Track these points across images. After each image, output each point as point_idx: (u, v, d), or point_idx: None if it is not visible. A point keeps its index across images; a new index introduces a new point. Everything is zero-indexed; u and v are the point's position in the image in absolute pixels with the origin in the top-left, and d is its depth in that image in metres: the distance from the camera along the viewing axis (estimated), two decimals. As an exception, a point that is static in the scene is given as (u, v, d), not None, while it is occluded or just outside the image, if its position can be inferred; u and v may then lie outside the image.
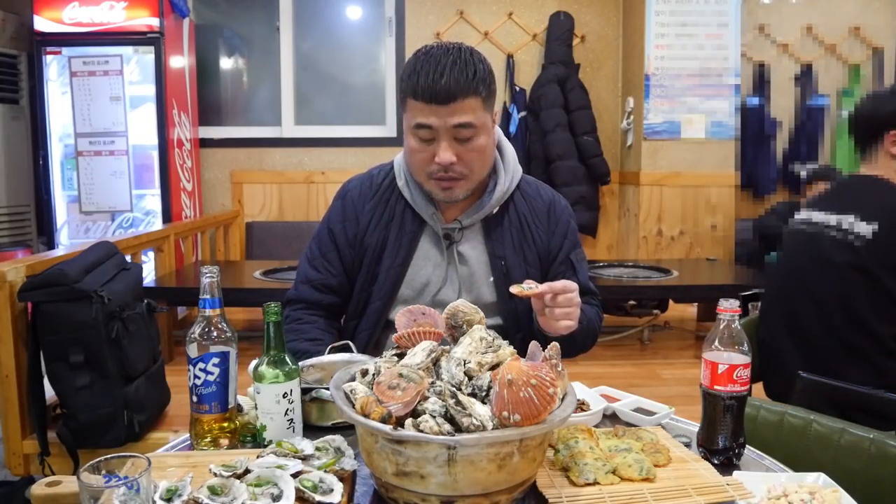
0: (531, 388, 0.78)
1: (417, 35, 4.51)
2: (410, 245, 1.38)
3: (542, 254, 1.42)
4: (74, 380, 1.87)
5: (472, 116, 1.23)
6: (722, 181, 4.25)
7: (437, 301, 1.35)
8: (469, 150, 1.26)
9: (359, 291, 1.43)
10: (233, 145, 4.57)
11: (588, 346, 1.42)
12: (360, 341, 1.40)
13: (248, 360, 1.04)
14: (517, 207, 1.41)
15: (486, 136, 1.28)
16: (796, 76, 4.63)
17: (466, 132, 1.24)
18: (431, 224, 1.37)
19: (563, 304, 1.17)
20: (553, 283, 1.16)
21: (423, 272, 1.38)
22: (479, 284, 1.39)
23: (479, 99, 1.24)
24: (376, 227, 1.39)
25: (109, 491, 0.71)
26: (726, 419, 0.97)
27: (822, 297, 1.60)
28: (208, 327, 0.99)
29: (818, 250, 1.62)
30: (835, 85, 4.65)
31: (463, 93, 1.20)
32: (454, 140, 1.24)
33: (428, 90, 1.19)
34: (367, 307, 1.41)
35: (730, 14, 4.15)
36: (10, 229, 4.07)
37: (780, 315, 1.70)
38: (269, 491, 0.80)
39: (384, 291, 1.38)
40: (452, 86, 1.19)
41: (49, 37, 3.75)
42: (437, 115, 1.21)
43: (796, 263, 1.70)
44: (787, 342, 1.67)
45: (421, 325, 0.96)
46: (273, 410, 0.98)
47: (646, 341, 3.56)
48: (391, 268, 1.37)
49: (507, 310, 1.38)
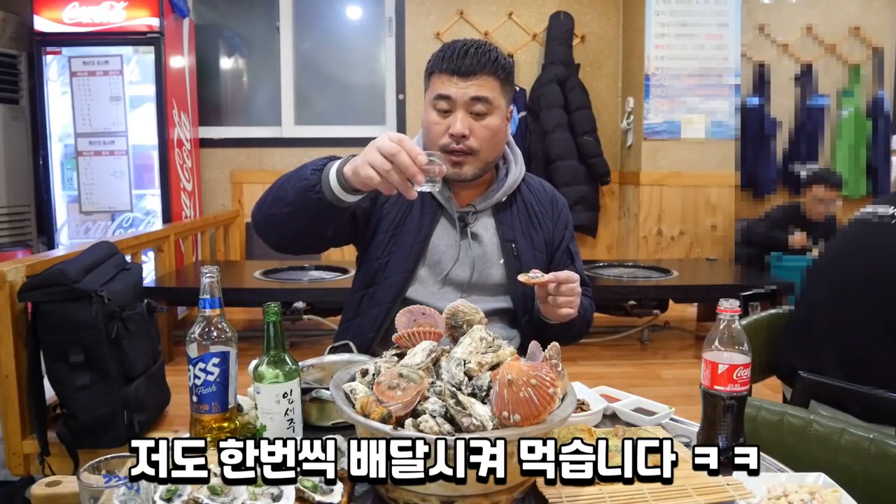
0: (531, 388, 0.78)
1: (417, 35, 4.51)
2: (431, 224, 1.42)
3: (547, 240, 1.48)
4: (74, 380, 1.87)
5: (488, 93, 1.31)
6: (722, 181, 4.25)
7: (449, 279, 1.40)
8: (482, 127, 1.32)
9: (372, 259, 1.41)
10: (233, 145, 4.57)
11: (582, 333, 1.49)
12: (373, 316, 1.39)
13: (248, 360, 1.04)
14: (524, 197, 1.48)
15: (499, 119, 1.35)
16: (796, 76, 4.64)
17: (482, 107, 1.31)
18: (447, 207, 1.41)
19: (566, 293, 1.24)
20: (557, 273, 1.23)
21: (438, 250, 1.42)
22: (490, 265, 1.43)
23: (498, 81, 1.32)
24: (398, 199, 1.41)
25: (109, 491, 0.71)
26: (726, 419, 0.97)
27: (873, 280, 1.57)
28: (208, 327, 0.99)
29: (872, 237, 1.60)
30: (835, 85, 4.66)
31: (483, 70, 1.30)
32: (469, 114, 1.31)
33: (451, 64, 1.30)
34: (385, 280, 1.40)
35: (730, 14, 4.15)
36: (10, 229, 4.07)
37: (825, 293, 1.68)
38: (269, 491, 0.80)
39: (406, 265, 1.39)
40: (474, 62, 1.29)
41: (49, 37, 3.75)
42: (456, 87, 1.30)
43: (848, 248, 1.68)
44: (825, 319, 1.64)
45: (421, 325, 0.96)
46: (273, 410, 0.98)
47: (646, 341, 3.56)
48: (415, 243, 1.40)
49: (516, 292, 1.42)
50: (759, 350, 1.75)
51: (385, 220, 1.41)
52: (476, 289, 1.41)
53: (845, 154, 4.62)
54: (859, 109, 4.62)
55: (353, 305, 1.45)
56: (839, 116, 4.64)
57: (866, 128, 4.61)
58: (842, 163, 4.61)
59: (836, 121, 4.66)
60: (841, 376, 1.49)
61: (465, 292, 1.41)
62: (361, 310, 1.42)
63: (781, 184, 4.67)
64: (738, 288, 3.03)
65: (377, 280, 1.40)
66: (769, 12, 4.61)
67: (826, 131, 4.66)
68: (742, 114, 4.34)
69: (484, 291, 1.42)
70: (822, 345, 1.61)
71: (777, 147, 4.63)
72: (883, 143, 4.57)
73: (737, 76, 4.20)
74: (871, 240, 1.60)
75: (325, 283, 3.26)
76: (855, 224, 1.72)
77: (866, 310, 1.56)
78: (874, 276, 1.57)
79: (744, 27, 4.26)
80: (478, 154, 1.34)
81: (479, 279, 1.41)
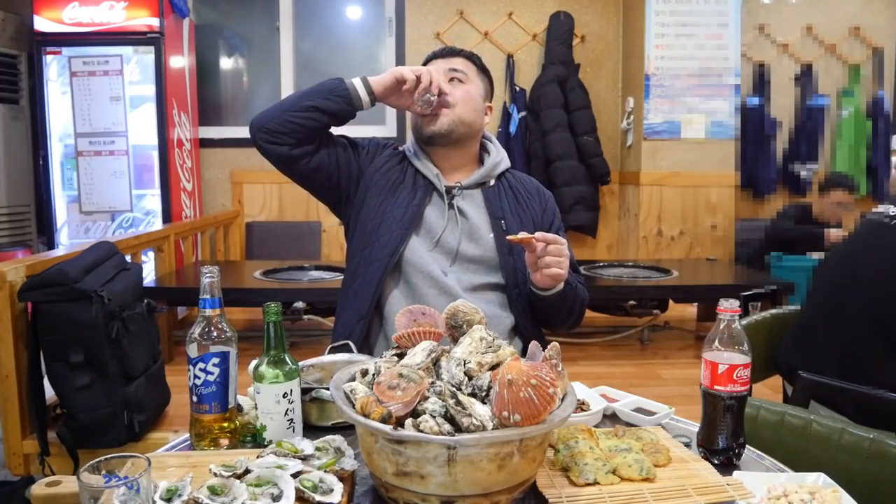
0: (531, 388, 0.78)
1: (417, 35, 4.51)
2: (423, 196, 1.51)
3: (536, 221, 1.55)
4: (74, 380, 1.87)
5: (463, 67, 1.54)
6: (722, 181, 4.25)
7: (441, 244, 1.47)
8: (456, 88, 1.51)
9: (364, 221, 1.49)
10: (233, 145, 4.57)
11: (577, 313, 1.53)
12: (371, 274, 1.44)
13: (248, 360, 1.04)
14: (510, 183, 1.59)
15: (474, 91, 1.54)
16: (796, 76, 4.64)
17: (458, 75, 1.52)
18: (436, 183, 1.51)
19: (554, 253, 1.31)
20: (545, 233, 1.32)
21: (430, 220, 1.50)
22: (479, 240, 1.49)
23: (474, 67, 1.56)
24: (387, 172, 1.53)
25: (109, 491, 0.71)
26: (726, 419, 0.97)
27: (871, 281, 1.57)
28: (208, 327, 0.99)
29: (876, 237, 1.60)
30: (835, 85, 4.66)
31: (460, 54, 1.57)
32: (448, 80, 1.51)
33: (438, 52, 1.58)
34: (380, 238, 1.46)
35: (730, 14, 4.15)
36: (10, 229, 4.07)
37: (826, 292, 1.67)
38: (269, 491, 0.80)
39: (403, 224, 1.46)
40: (453, 51, 1.58)
41: (49, 37, 3.75)
42: (436, 64, 1.54)
43: (854, 248, 1.68)
44: (827, 319, 1.63)
45: (421, 325, 0.96)
46: (273, 410, 0.98)
47: (646, 341, 3.56)
48: (410, 206, 1.48)
49: (506, 266, 1.48)
50: (759, 350, 1.75)
51: (375, 186, 1.51)
52: (465, 258, 1.47)
53: (845, 154, 4.62)
54: (859, 109, 4.62)
55: (350, 272, 1.51)
56: (839, 116, 4.64)
57: (866, 128, 4.61)
58: (842, 163, 4.61)
59: (836, 121, 4.66)
60: (837, 377, 1.49)
61: (454, 261, 1.47)
62: (359, 272, 1.47)
63: (781, 184, 4.67)
64: (738, 288, 3.03)
65: (372, 239, 1.46)
66: (769, 12, 4.61)
67: (826, 131, 4.66)
68: (742, 114, 4.34)
69: (474, 263, 1.48)
70: (819, 345, 1.61)
71: (777, 147, 4.63)
72: (883, 143, 4.57)
73: (737, 76, 4.20)
74: (875, 240, 1.60)
75: (325, 283, 3.26)
76: (863, 224, 1.72)
77: (861, 311, 1.56)
78: (872, 276, 1.57)
79: (744, 27, 4.26)
80: (454, 108, 1.48)
81: (468, 250, 1.48)
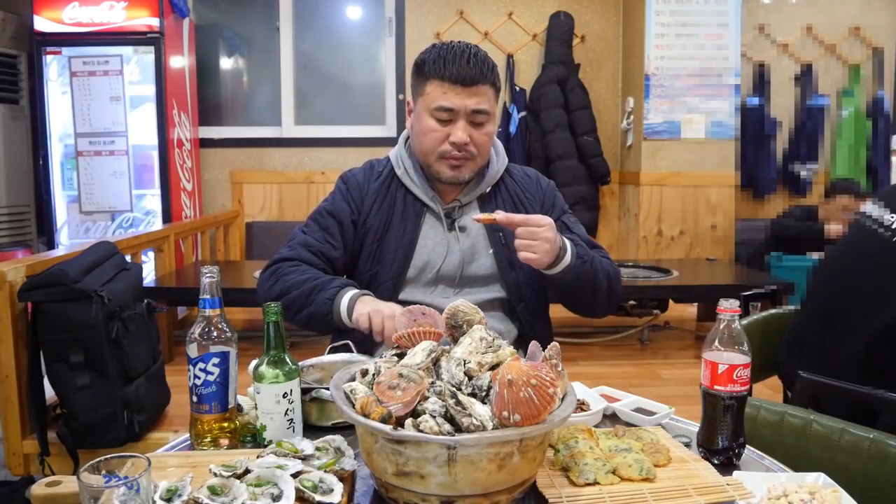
0: (531, 388, 0.78)
1: (417, 35, 4.51)
2: (415, 226, 1.45)
3: None
4: (74, 380, 1.87)
5: (487, 104, 1.37)
6: (722, 181, 4.25)
7: (441, 276, 1.42)
8: (481, 134, 1.39)
9: (361, 272, 1.46)
10: (233, 145, 4.57)
11: (605, 287, 1.42)
12: None
13: (248, 360, 1.04)
14: (507, 186, 1.52)
15: (494, 125, 1.45)
16: (796, 76, 4.63)
17: (481, 117, 1.38)
18: (432, 206, 1.46)
19: (524, 235, 1.27)
20: (514, 215, 1.29)
21: (425, 250, 1.44)
22: (479, 256, 1.45)
23: (494, 89, 1.39)
24: (379, 209, 1.46)
25: (109, 491, 0.71)
26: (726, 419, 0.97)
27: (859, 286, 1.57)
28: (208, 327, 0.99)
29: (861, 241, 1.60)
30: (835, 85, 4.66)
31: (483, 79, 1.35)
32: (469, 123, 1.37)
33: (455, 73, 1.33)
34: (377, 289, 1.41)
35: (730, 14, 4.15)
36: (10, 229, 4.07)
37: (819, 294, 1.68)
38: (269, 491, 0.80)
39: (394, 271, 1.42)
40: (476, 72, 1.34)
41: (49, 37, 3.75)
42: (459, 98, 1.34)
43: (840, 254, 1.68)
44: (817, 322, 1.64)
45: (421, 325, 0.96)
46: (273, 410, 0.98)
47: (646, 341, 3.56)
48: (399, 248, 1.43)
49: (508, 280, 1.44)
50: (758, 350, 1.75)
51: (370, 233, 1.45)
52: (468, 281, 1.44)
53: (845, 154, 4.62)
54: (859, 109, 4.61)
55: None
56: (839, 116, 4.64)
57: (866, 128, 4.61)
58: (842, 163, 4.61)
59: (836, 121, 4.65)
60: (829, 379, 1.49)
61: (457, 286, 1.43)
62: None
63: (781, 184, 4.67)
64: (738, 288, 3.03)
65: (372, 287, 1.41)
66: (769, 12, 4.61)
67: (826, 131, 4.66)
68: (742, 114, 4.34)
69: (476, 283, 1.45)
70: (811, 347, 1.62)
71: (777, 147, 4.63)
72: (883, 143, 4.56)
73: (737, 76, 4.20)
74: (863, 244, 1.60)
75: (325, 283, 3.26)
76: (857, 229, 1.72)
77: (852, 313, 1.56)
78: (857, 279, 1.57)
79: (744, 27, 4.26)
80: (475, 159, 1.41)
81: (469, 271, 1.44)
